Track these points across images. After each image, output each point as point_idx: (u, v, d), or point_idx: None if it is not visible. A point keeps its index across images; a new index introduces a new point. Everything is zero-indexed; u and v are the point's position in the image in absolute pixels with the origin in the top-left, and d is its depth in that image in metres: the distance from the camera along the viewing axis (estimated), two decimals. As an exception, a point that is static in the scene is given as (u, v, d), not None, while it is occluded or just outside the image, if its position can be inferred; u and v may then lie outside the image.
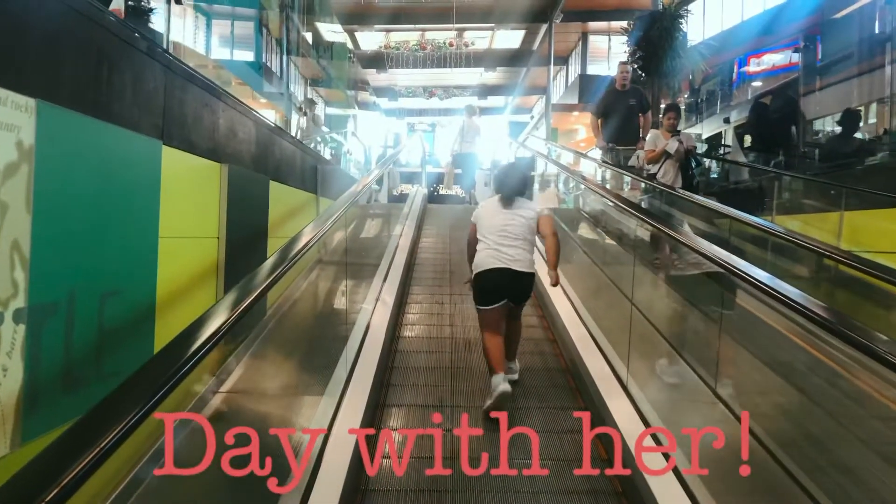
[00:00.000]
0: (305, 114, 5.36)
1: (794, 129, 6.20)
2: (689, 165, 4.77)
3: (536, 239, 3.32)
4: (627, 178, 5.47)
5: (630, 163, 5.57)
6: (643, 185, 4.97)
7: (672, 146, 4.74)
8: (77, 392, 2.17)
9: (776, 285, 1.70)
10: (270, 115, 5.52)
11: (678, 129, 4.95)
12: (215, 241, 3.56)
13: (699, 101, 11.45)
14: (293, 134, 5.69)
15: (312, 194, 5.77)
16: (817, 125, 8.30)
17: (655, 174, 4.84)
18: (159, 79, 2.77)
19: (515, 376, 3.30)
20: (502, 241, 3.06)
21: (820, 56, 7.45)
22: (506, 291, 3.04)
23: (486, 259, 3.05)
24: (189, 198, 3.19)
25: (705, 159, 7.26)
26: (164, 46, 2.80)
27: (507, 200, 3.20)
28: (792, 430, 2.21)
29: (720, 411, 2.23)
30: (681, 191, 4.13)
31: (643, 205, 5.19)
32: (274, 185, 4.48)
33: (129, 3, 2.60)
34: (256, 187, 4.19)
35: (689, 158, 4.78)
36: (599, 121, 6.04)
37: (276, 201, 4.49)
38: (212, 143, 3.40)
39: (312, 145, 5.89)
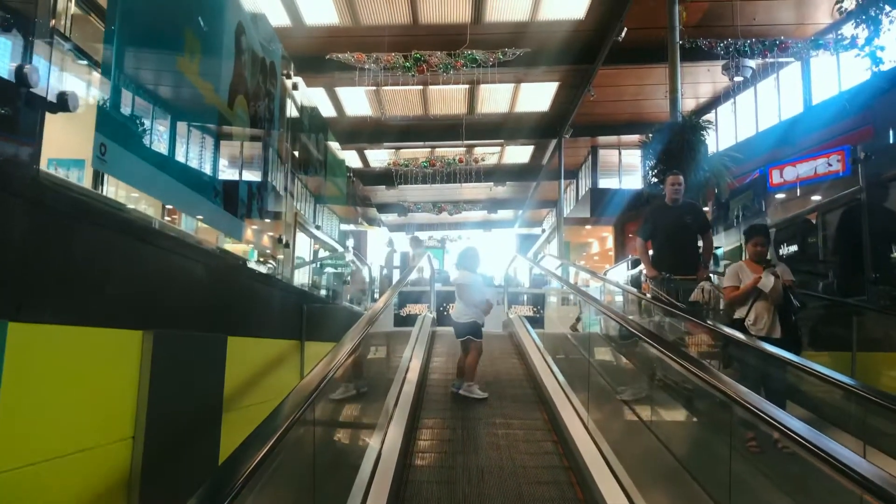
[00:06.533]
0: (287, 245, 4.34)
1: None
2: (790, 308, 3.58)
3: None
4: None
5: (692, 298, 4.37)
6: (724, 332, 3.67)
7: (767, 283, 3.51)
8: None
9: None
10: (236, 249, 4.52)
11: (769, 258, 3.77)
12: (128, 443, 2.34)
13: (737, 215, 10.58)
14: (274, 266, 4.66)
15: (295, 341, 4.63)
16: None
17: (742, 319, 3.66)
18: (17, 223, 1.75)
19: (476, 395, 4.74)
20: (458, 301, 5.12)
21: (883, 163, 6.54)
22: (456, 329, 5.07)
23: (454, 310, 5.30)
24: (72, 392, 2.03)
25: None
26: (35, 170, 1.80)
27: (465, 273, 5.22)
28: None
29: None
30: (792, 357, 2.83)
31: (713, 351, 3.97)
32: (234, 341, 3.35)
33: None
34: (205, 350, 3.05)
35: (788, 298, 3.60)
36: (648, 244, 4.97)
37: (237, 362, 3.33)
38: (126, 303, 2.32)
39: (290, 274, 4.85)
